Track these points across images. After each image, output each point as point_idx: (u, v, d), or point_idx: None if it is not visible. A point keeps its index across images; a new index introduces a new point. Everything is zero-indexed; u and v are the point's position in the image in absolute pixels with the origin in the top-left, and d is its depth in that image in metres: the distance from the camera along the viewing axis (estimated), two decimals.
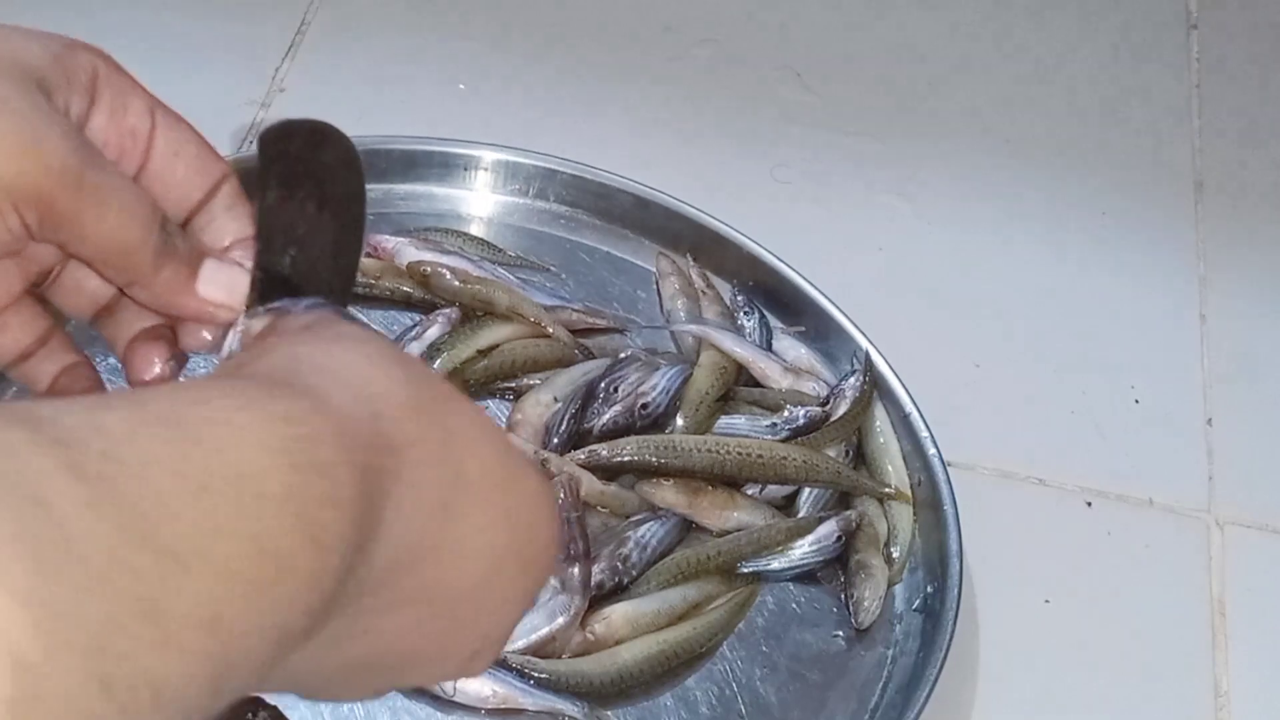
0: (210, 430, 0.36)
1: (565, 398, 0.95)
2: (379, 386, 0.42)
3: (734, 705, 0.86)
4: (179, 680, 0.32)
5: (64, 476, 0.31)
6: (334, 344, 0.44)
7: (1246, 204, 1.19)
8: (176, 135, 0.56)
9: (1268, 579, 0.98)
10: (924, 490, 0.94)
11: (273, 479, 0.35)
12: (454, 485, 0.43)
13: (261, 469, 0.35)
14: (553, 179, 1.07)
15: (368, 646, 0.43)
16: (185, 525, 0.33)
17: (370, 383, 0.42)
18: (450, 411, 0.45)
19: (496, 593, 0.46)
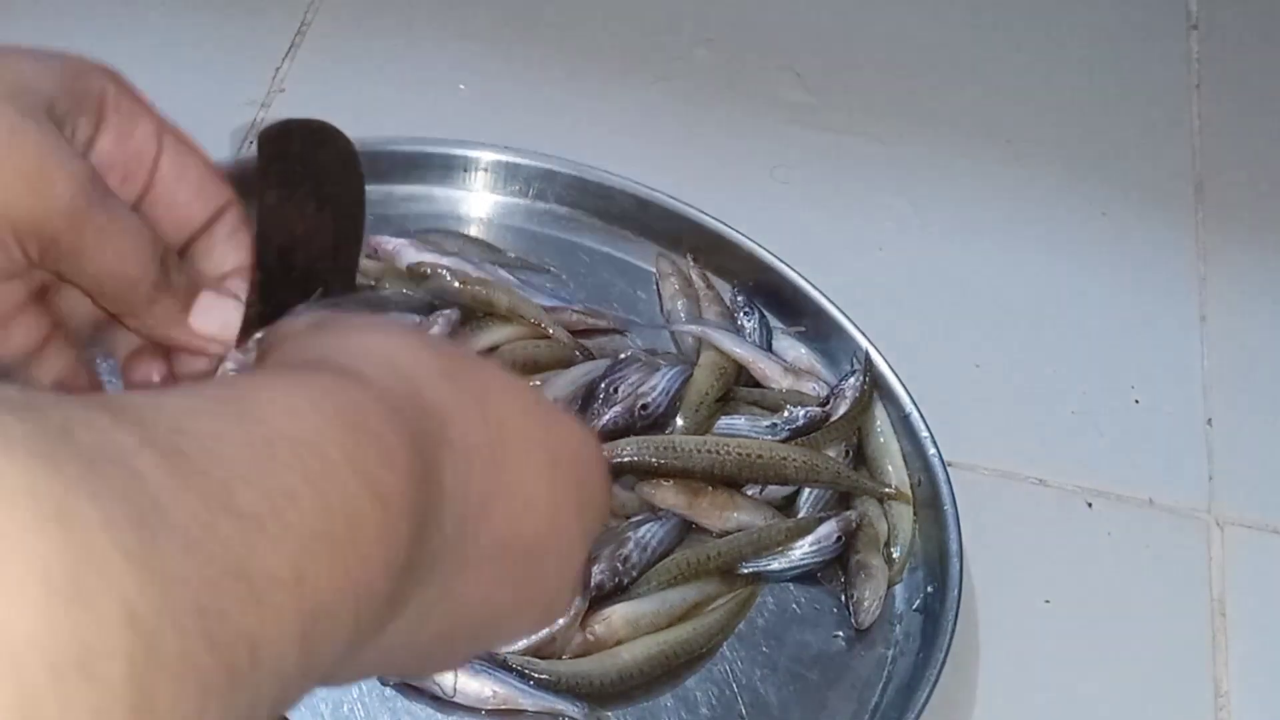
0: (265, 407, 0.37)
1: (565, 398, 0.95)
2: (408, 359, 0.44)
3: (734, 706, 0.86)
4: (274, 637, 0.33)
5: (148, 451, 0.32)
6: (353, 332, 0.45)
7: (1246, 204, 1.19)
8: (182, 160, 0.58)
9: (1268, 579, 0.98)
10: (924, 490, 0.94)
11: (331, 445, 0.37)
12: (499, 440, 0.45)
13: (320, 437, 0.37)
14: (552, 180, 1.07)
15: (454, 612, 0.44)
16: (258, 491, 0.34)
17: (399, 358, 0.43)
18: (479, 374, 0.46)
19: (562, 535, 0.48)
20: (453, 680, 0.82)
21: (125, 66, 0.76)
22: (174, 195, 0.57)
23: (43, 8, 1.17)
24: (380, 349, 0.44)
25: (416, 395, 0.42)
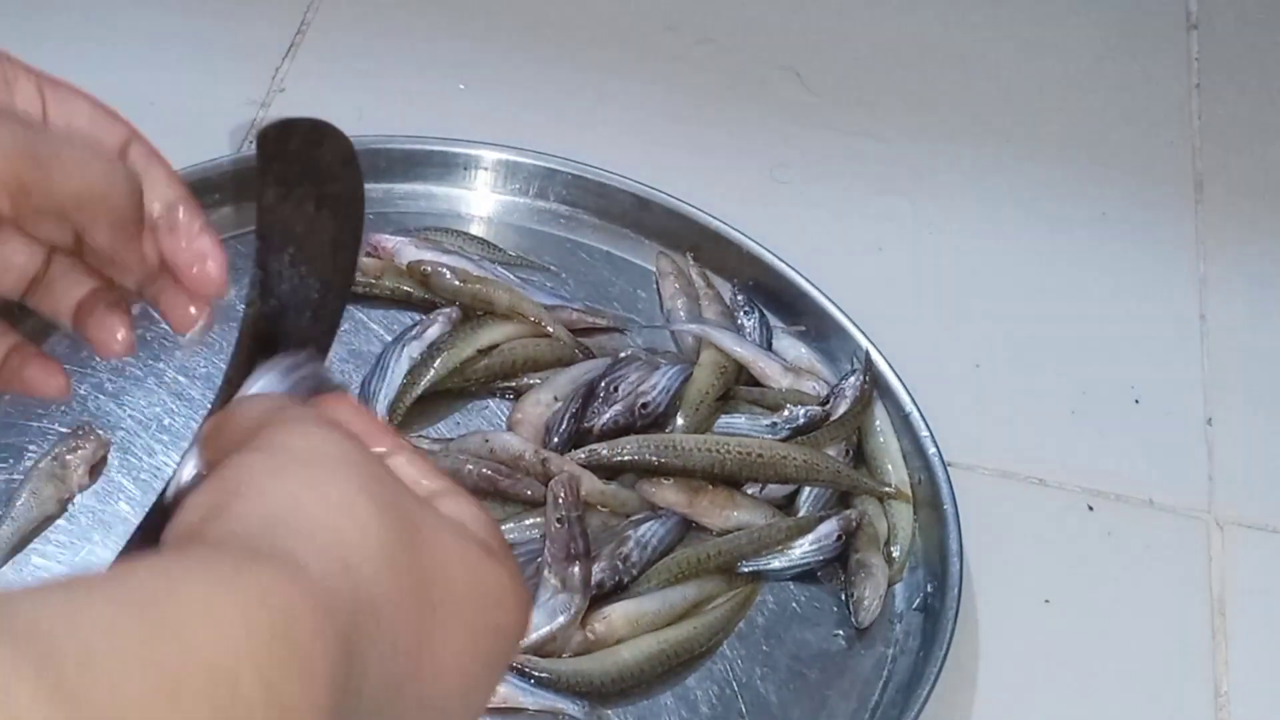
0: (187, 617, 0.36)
1: (565, 397, 0.95)
2: (352, 538, 0.43)
3: (734, 704, 0.86)
4: None
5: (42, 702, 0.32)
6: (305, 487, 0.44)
7: (1246, 204, 1.19)
8: (68, 107, 0.57)
9: (1268, 579, 0.98)
10: (924, 489, 0.94)
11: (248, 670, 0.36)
12: (428, 619, 0.45)
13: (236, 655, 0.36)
14: (553, 178, 1.07)
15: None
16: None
17: (343, 537, 0.43)
18: (421, 538, 0.46)
19: (472, 692, 0.48)
20: None
21: (125, 66, 0.77)
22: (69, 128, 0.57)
23: (43, 6, 1.17)
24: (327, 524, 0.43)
25: (357, 587, 0.42)
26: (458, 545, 0.47)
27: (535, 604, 0.86)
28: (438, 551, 0.46)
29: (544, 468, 0.90)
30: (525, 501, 0.90)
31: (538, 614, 0.85)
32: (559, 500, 0.87)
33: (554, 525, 0.87)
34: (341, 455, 0.46)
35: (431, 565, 0.46)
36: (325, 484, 0.45)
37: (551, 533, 0.86)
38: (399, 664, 0.43)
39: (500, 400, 0.97)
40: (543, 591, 0.86)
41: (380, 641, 0.42)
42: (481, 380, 0.97)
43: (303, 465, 0.45)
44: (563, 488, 0.87)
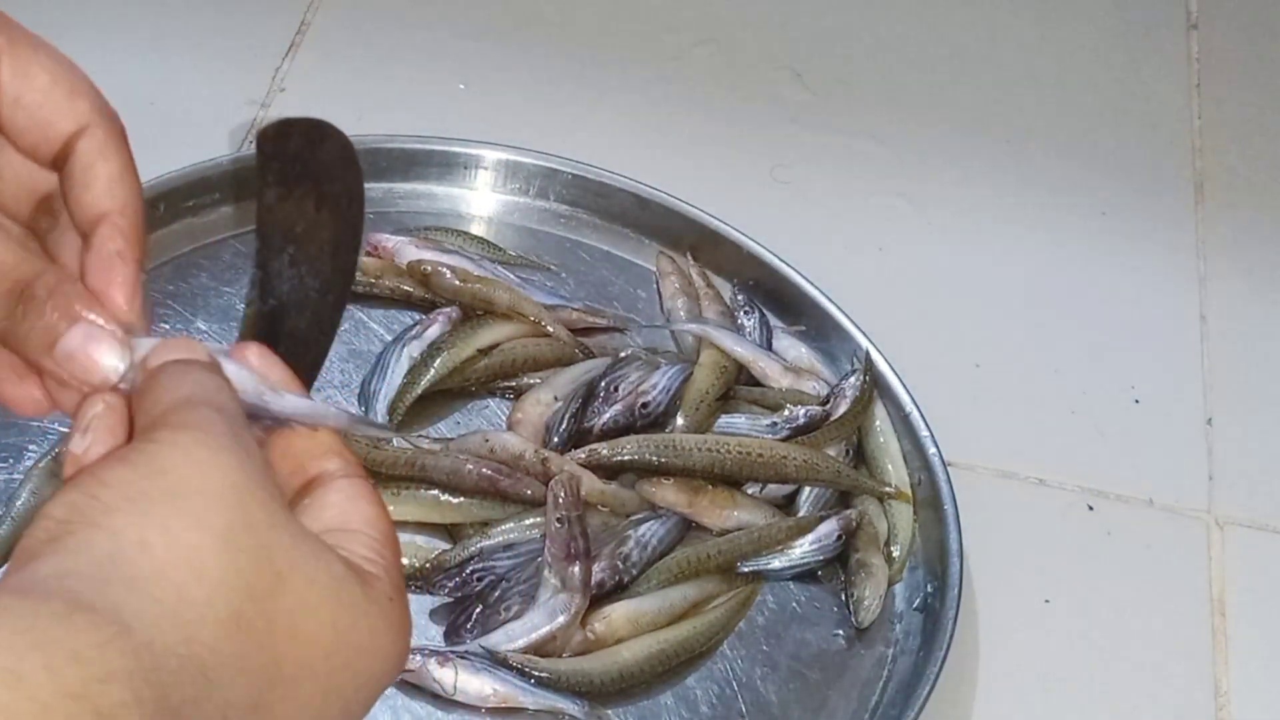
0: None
1: (565, 397, 0.95)
2: (194, 598, 0.41)
3: (734, 704, 0.86)
4: None
5: None
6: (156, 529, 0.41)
7: (1246, 204, 1.19)
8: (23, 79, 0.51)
9: (1268, 579, 0.98)
10: (924, 489, 0.94)
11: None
12: (270, 684, 0.42)
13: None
14: (553, 178, 1.07)
15: None
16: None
17: (188, 596, 0.40)
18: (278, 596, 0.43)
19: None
20: (453, 679, 0.82)
21: (126, 65, 0.77)
22: (15, 121, 0.51)
23: (42, 6, 1.17)
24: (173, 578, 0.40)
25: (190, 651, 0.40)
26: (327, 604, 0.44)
27: (535, 604, 0.86)
28: (300, 609, 0.43)
29: (544, 467, 0.90)
30: (525, 501, 0.90)
31: (537, 614, 0.85)
32: (559, 500, 0.87)
33: (554, 525, 0.87)
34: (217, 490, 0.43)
35: (289, 624, 0.43)
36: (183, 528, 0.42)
37: (551, 532, 0.86)
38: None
39: (500, 400, 0.97)
40: (543, 591, 0.86)
41: (209, 707, 0.40)
42: (481, 380, 0.97)
43: (168, 498, 0.42)
44: (563, 487, 0.87)
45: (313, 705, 0.44)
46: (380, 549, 0.47)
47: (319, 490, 0.48)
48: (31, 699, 0.35)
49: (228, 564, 0.41)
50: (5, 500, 0.87)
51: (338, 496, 0.48)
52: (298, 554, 0.44)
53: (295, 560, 0.44)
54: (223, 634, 0.41)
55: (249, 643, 0.41)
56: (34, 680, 0.35)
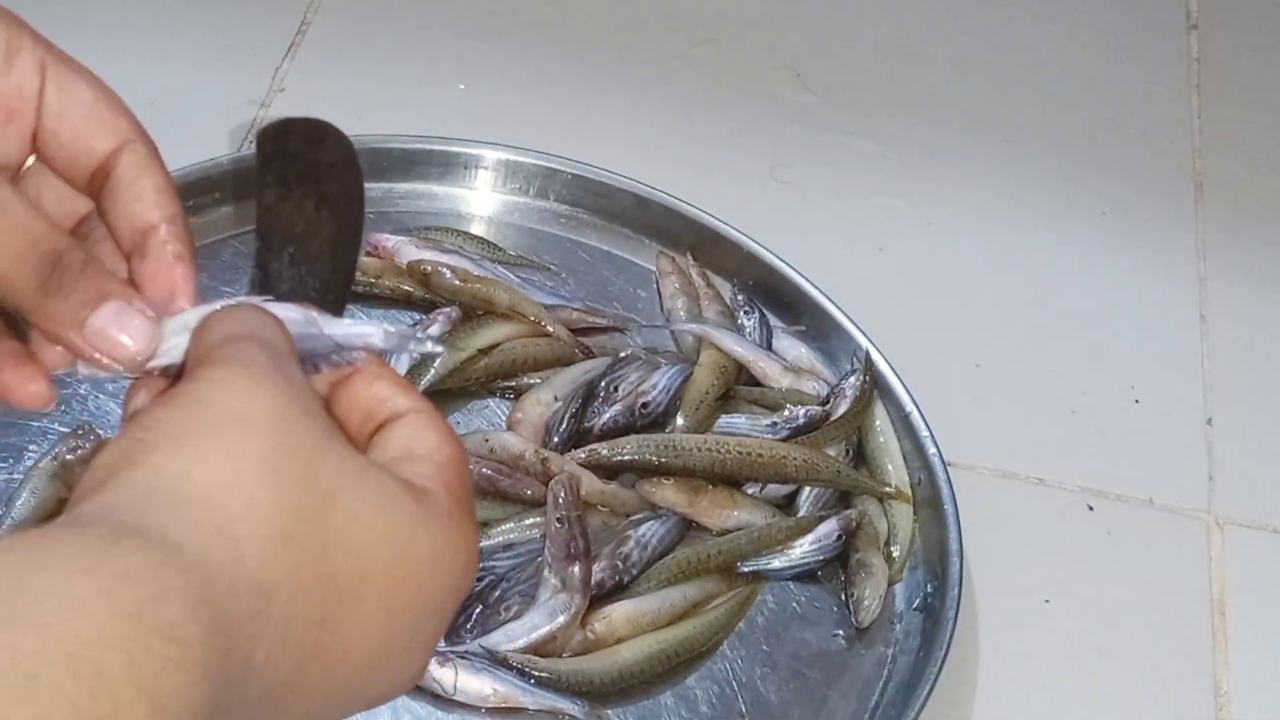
0: (46, 606, 0.35)
1: (566, 397, 0.95)
2: (239, 516, 0.41)
3: (734, 704, 0.86)
4: None
5: None
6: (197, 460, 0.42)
7: (1246, 204, 1.19)
8: (67, 93, 0.52)
9: (1267, 579, 0.98)
10: (924, 489, 0.94)
11: (112, 653, 0.35)
12: (330, 599, 0.42)
13: (100, 643, 0.35)
14: (553, 178, 1.07)
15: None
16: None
17: (232, 516, 0.41)
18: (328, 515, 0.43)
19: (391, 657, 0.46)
20: (453, 679, 0.82)
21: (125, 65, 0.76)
22: (59, 133, 0.52)
23: (42, 6, 1.17)
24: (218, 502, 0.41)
25: (242, 570, 0.40)
26: (381, 519, 0.44)
27: (535, 604, 0.86)
28: (352, 526, 0.43)
29: (544, 467, 0.90)
30: (525, 501, 0.90)
31: (537, 614, 0.85)
32: (559, 500, 0.87)
33: (554, 525, 0.87)
34: (259, 418, 0.43)
35: (342, 541, 0.43)
36: (224, 456, 0.42)
37: (551, 532, 0.86)
38: (294, 649, 0.41)
39: (500, 400, 0.97)
40: (543, 591, 0.86)
41: (270, 626, 0.40)
42: (481, 380, 0.97)
43: (210, 430, 0.42)
44: (563, 487, 0.87)
45: (379, 621, 0.44)
46: (439, 470, 0.47)
47: (386, 429, 0.48)
48: (89, 620, 0.35)
49: (271, 487, 0.42)
50: (5, 500, 0.87)
51: (404, 430, 0.48)
52: (345, 473, 0.44)
53: (343, 479, 0.44)
54: (271, 551, 0.41)
55: (301, 559, 0.42)
56: (89, 602, 0.35)
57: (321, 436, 0.44)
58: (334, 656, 0.43)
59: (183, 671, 0.36)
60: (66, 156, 0.53)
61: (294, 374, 0.46)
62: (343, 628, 0.43)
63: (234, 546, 0.40)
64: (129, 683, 0.34)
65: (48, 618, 0.34)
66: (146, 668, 0.35)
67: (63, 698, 0.33)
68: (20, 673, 0.33)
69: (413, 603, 0.45)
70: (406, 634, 0.46)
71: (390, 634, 0.45)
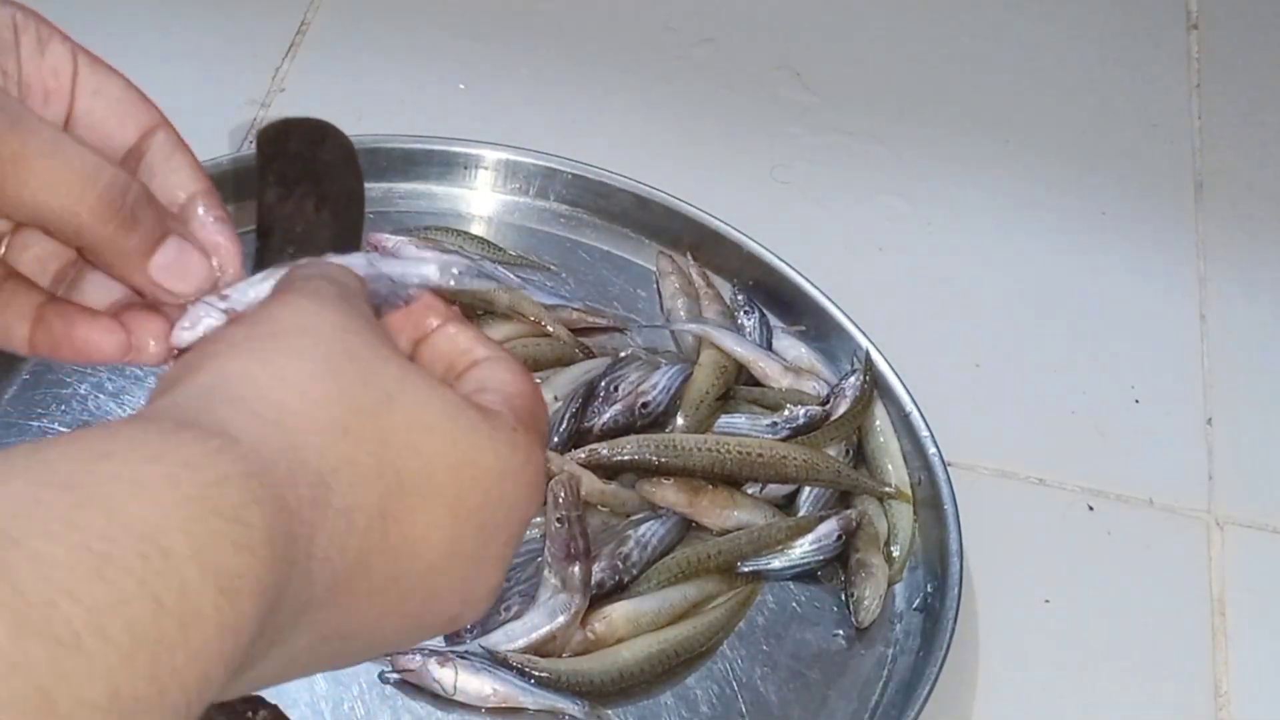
0: (113, 490, 0.35)
1: (565, 396, 0.95)
2: (296, 409, 0.42)
3: (734, 704, 0.86)
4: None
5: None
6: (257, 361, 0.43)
7: (1247, 204, 1.19)
8: (100, 79, 0.55)
9: (1268, 579, 0.98)
10: (924, 489, 0.94)
11: (178, 535, 0.35)
12: (390, 494, 0.43)
13: (165, 525, 0.35)
14: (553, 178, 1.07)
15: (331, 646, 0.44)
16: (83, 605, 0.33)
17: (286, 409, 0.42)
18: (388, 413, 0.44)
19: (457, 571, 0.46)
20: (453, 679, 0.82)
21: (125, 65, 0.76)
22: (93, 113, 0.54)
23: (42, 6, 1.17)
24: (272, 396, 0.42)
25: (298, 457, 0.40)
26: (445, 423, 0.45)
27: (535, 604, 0.86)
28: (414, 426, 0.44)
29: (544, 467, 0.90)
30: None
31: (537, 614, 0.85)
32: (559, 500, 0.87)
33: (554, 525, 0.87)
34: (316, 327, 0.44)
35: (405, 439, 0.44)
36: (282, 357, 0.43)
37: (551, 532, 0.86)
38: (357, 539, 0.42)
39: None
40: (543, 591, 0.86)
41: (331, 513, 0.41)
42: None
43: (270, 337, 0.44)
44: (563, 487, 0.87)
45: (445, 522, 0.45)
46: (508, 400, 0.48)
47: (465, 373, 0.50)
48: (154, 504, 0.36)
49: (328, 382, 0.43)
50: None
51: (479, 371, 0.50)
52: (407, 380, 0.45)
53: (404, 385, 0.45)
54: (329, 441, 0.42)
55: (360, 450, 0.42)
56: (154, 487, 0.36)
57: (382, 348, 0.45)
58: (400, 552, 0.44)
59: (246, 551, 0.37)
60: (100, 137, 0.54)
61: (362, 307, 0.48)
62: (407, 523, 0.44)
63: (290, 436, 0.41)
64: (194, 562, 0.35)
65: (116, 501, 0.35)
66: (211, 549, 0.36)
67: (132, 578, 0.34)
68: (93, 553, 0.34)
69: (480, 507, 0.46)
70: (475, 540, 0.46)
71: (458, 537, 0.45)
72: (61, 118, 0.54)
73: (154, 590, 0.34)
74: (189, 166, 0.55)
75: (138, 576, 0.34)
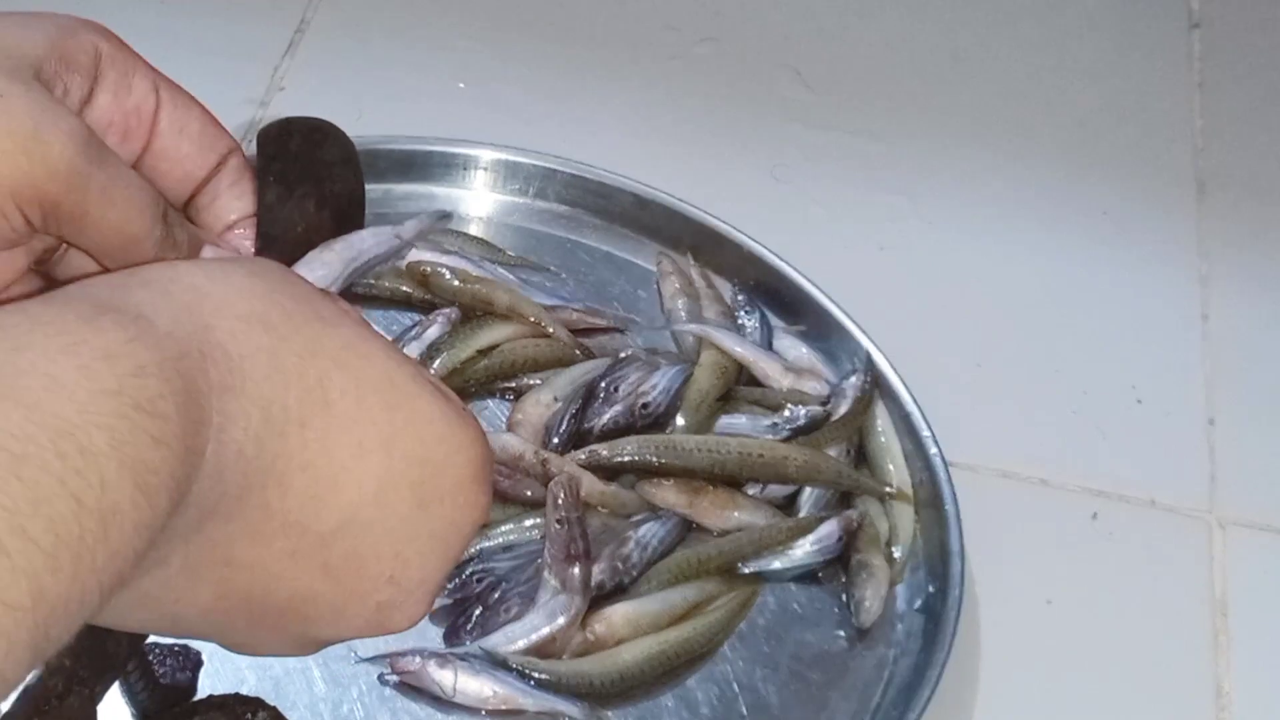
0: (30, 383, 0.35)
1: (565, 397, 0.95)
2: (214, 295, 0.41)
3: (735, 705, 0.86)
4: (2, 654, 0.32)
5: None
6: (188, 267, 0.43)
7: (1248, 203, 1.19)
8: (181, 113, 0.57)
9: (1269, 579, 0.98)
10: (925, 490, 0.94)
11: (96, 430, 0.35)
12: (314, 402, 0.42)
13: (83, 421, 0.35)
14: (552, 178, 1.07)
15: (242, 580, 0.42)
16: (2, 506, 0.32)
17: (202, 292, 0.41)
18: (320, 328, 0.43)
19: (386, 529, 0.44)
20: (452, 680, 0.82)
21: None
22: (176, 149, 0.56)
23: (40, 6, 1.17)
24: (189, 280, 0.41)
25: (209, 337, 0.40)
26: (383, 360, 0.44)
27: (535, 605, 0.85)
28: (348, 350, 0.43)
29: (544, 468, 0.90)
30: (525, 502, 0.90)
31: (537, 615, 0.85)
32: (559, 501, 0.87)
33: (554, 526, 0.86)
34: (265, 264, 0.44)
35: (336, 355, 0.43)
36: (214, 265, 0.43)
37: (551, 534, 0.86)
38: (273, 440, 0.41)
39: (500, 400, 0.97)
40: (542, 593, 0.86)
41: (245, 402, 0.40)
42: (481, 380, 0.97)
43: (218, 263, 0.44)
44: (562, 488, 0.87)
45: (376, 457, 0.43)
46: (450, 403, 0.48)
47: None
48: (71, 399, 0.35)
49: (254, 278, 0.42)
50: None
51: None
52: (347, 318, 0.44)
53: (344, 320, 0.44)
54: (244, 329, 0.41)
55: (282, 347, 0.41)
56: (70, 381, 0.35)
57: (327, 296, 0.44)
58: (321, 475, 0.42)
59: (163, 446, 0.36)
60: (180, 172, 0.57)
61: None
62: (331, 440, 0.42)
63: (200, 317, 0.40)
64: (113, 459, 0.35)
65: (32, 397, 0.34)
66: (129, 444, 0.35)
67: (51, 476, 0.33)
68: (9, 453, 0.33)
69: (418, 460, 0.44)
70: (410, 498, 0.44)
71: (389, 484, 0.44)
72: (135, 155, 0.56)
73: (73, 489, 0.34)
74: (250, 193, 0.58)
75: (57, 475, 0.34)
